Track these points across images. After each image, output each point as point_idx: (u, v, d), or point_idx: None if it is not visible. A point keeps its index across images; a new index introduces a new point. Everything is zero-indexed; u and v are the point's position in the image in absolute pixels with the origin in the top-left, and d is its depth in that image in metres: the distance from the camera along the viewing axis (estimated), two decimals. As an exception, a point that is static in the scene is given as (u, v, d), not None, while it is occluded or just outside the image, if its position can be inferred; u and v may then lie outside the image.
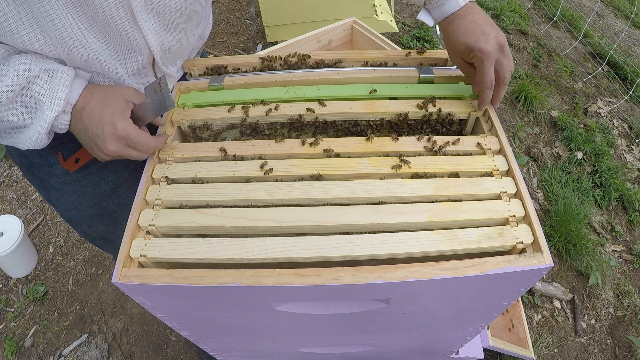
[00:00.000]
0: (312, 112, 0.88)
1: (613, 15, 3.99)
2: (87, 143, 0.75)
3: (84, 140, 0.75)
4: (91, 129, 0.72)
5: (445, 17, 0.88)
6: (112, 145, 0.72)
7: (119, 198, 0.97)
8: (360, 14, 2.62)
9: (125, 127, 0.73)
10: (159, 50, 0.80)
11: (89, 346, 1.76)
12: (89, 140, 0.74)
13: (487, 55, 0.80)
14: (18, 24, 0.63)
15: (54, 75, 0.69)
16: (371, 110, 0.88)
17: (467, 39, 0.83)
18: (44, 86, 0.68)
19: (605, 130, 2.78)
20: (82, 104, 0.72)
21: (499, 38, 0.82)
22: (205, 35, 1.00)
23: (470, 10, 0.86)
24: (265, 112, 0.88)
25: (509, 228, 0.71)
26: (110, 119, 0.72)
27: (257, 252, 0.68)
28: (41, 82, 0.68)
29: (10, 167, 2.37)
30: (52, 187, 0.93)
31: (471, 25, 0.83)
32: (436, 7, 0.89)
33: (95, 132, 0.72)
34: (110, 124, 0.71)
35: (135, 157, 0.77)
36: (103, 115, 0.72)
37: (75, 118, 0.72)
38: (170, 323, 0.84)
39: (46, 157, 0.88)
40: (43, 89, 0.68)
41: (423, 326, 0.93)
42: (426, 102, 0.88)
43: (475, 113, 0.88)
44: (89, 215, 0.98)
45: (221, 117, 0.89)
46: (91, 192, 0.94)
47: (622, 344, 1.91)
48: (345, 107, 0.88)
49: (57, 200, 0.96)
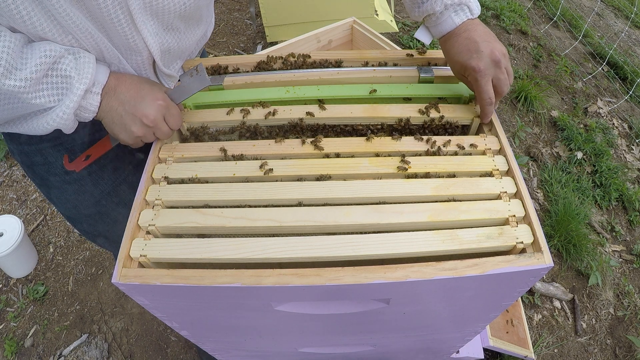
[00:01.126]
0: (312, 116, 0.87)
1: (613, 15, 3.99)
2: (118, 120, 0.75)
3: (114, 118, 0.75)
4: (129, 101, 0.73)
5: (442, 35, 0.88)
6: (153, 111, 0.75)
7: (119, 197, 0.98)
8: (360, 14, 2.62)
9: (165, 97, 0.78)
10: (158, 52, 0.80)
11: (89, 346, 1.76)
12: (124, 114, 0.74)
13: (480, 73, 0.79)
14: (31, 14, 0.64)
15: (79, 57, 0.69)
16: (372, 114, 0.87)
17: (460, 58, 0.82)
18: (71, 64, 0.68)
19: (605, 130, 2.78)
20: (115, 82, 0.74)
21: (494, 54, 0.80)
22: (207, 36, 1.00)
23: (468, 27, 0.84)
24: (265, 115, 0.87)
25: (509, 228, 0.71)
26: (150, 90, 0.76)
27: (257, 252, 0.68)
28: (67, 61, 0.68)
29: (10, 167, 2.37)
30: (53, 185, 0.93)
31: (465, 43, 0.82)
32: (433, 26, 0.89)
33: (134, 104, 0.74)
34: (152, 94, 0.76)
35: (164, 132, 0.79)
36: (142, 88, 0.75)
37: (108, 96, 0.73)
38: (170, 323, 0.84)
39: (47, 156, 0.88)
40: (70, 66, 0.68)
41: (423, 326, 0.93)
42: (428, 107, 0.87)
43: (478, 119, 0.88)
44: (89, 214, 0.98)
45: (220, 119, 0.88)
46: (91, 191, 0.94)
47: (622, 344, 1.91)
48: (346, 112, 0.87)
49: (57, 199, 0.97)
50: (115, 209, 0.99)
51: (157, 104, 0.75)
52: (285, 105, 0.91)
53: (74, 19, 0.66)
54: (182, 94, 0.82)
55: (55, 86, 0.68)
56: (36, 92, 0.67)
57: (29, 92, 0.66)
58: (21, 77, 0.63)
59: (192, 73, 0.81)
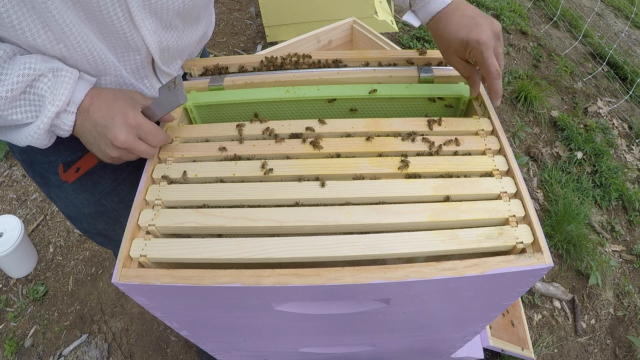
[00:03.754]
0: (312, 131, 0.85)
1: (613, 15, 3.99)
2: (93, 141, 0.74)
3: (89, 139, 0.74)
4: (100, 122, 0.71)
5: (432, 16, 0.85)
6: (122, 134, 0.71)
7: (119, 196, 0.98)
8: (360, 14, 2.62)
9: (137, 116, 0.73)
10: (157, 50, 0.80)
11: (89, 346, 1.76)
12: (97, 136, 0.73)
13: (485, 45, 0.77)
14: (21, 19, 0.63)
15: (59, 75, 0.69)
16: (374, 129, 0.85)
17: (460, 34, 0.80)
18: (48, 83, 0.68)
19: (605, 130, 2.78)
20: (89, 102, 0.72)
21: (494, 26, 0.79)
22: (208, 36, 1.00)
23: (458, 5, 0.83)
24: (262, 132, 0.85)
25: (509, 228, 0.71)
26: (122, 110, 0.72)
27: (257, 252, 0.68)
28: (45, 80, 0.68)
29: (10, 167, 2.37)
30: (53, 184, 0.94)
31: (462, 20, 0.81)
32: (422, 7, 0.86)
33: (104, 125, 0.71)
34: (122, 114, 0.72)
35: (142, 151, 0.75)
36: (113, 107, 0.72)
37: (81, 116, 0.72)
38: (170, 323, 0.84)
39: (47, 155, 0.89)
40: (47, 86, 0.68)
41: (423, 326, 0.93)
42: (431, 122, 0.85)
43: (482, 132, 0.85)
44: (89, 212, 0.99)
45: (217, 135, 0.86)
46: (91, 190, 0.95)
47: (622, 344, 1.91)
48: (347, 126, 0.85)
49: (57, 197, 0.97)
50: (115, 208, 0.99)
51: (127, 124, 0.72)
52: (285, 109, 0.91)
53: (67, 22, 0.66)
54: (160, 110, 0.78)
55: (31, 103, 0.68)
56: (13, 108, 0.67)
57: (5, 109, 0.66)
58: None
59: (170, 86, 0.77)
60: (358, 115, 0.96)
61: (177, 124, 0.88)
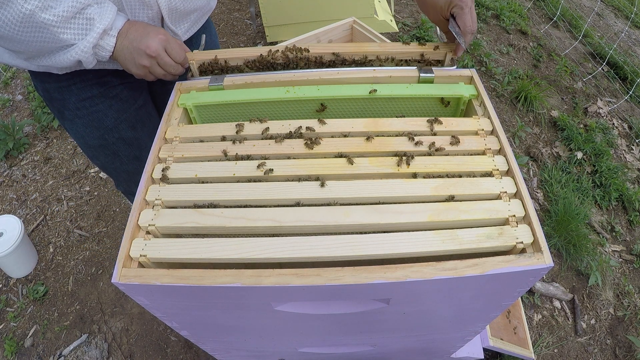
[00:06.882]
0: (312, 131, 0.85)
1: (613, 15, 3.99)
2: (128, 56, 0.89)
3: (125, 55, 0.89)
4: (136, 38, 0.88)
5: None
6: (154, 43, 0.88)
7: (119, 133, 1.15)
8: (360, 14, 2.62)
9: (167, 33, 0.92)
10: (166, 9, 0.95)
11: (89, 346, 1.76)
12: (132, 50, 0.88)
13: (465, 2, 0.90)
14: None
15: (103, 5, 0.85)
16: (374, 129, 0.85)
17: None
18: (97, 10, 0.83)
19: (605, 130, 2.78)
20: (127, 27, 0.89)
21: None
22: (212, 7, 1.16)
23: None
24: (262, 131, 0.86)
25: (509, 228, 0.71)
26: (154, 29, 0.91)
27: (257, 252, 0.68)
28: (92, 9, 0.83)
29: (10, 167, 2.38)
30: (66, 118, 1.12)
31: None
32: None
33: (139, 39, 0.88)
34: (155, 30, 0.90)
35: (167, 63, 0.92)
36: (148, 29, 0.90)
37: (120, 38, 0.88)
38: (170, 323, 0.84)
39: (62, 93, 1.06)
40: (95, 12, 0.83)
41: (423, 326, 0.93)
42: (431, 122, 0.85)
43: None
44: (93, 145, 1.17)
45: (216, 134, 0.87)
46: (96, 126, 1.12)
47: (622, 344, 1.91)
48: (347, 126, 0.86)
49: (70, 129, 1.15)
50: (115, 143, 1.16)
51: (159, 37, 0.89)
52: (285, 109, 0.91)
53: None
54: None
55: (80, 26, 0.82)
56: (64, 28, 0.81)
57: (59, 27, 0.79)
58: (54, 13, 0.78)
59: None
60: (357, 115, 0.96)
61: (177, 124, 0.89)
